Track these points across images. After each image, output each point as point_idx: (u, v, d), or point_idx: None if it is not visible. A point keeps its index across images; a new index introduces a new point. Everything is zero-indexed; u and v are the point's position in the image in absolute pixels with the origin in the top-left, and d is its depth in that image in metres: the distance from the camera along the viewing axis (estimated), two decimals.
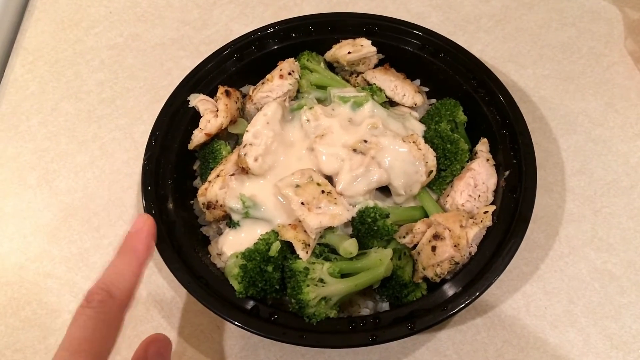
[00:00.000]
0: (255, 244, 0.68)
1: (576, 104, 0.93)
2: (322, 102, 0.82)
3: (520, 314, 0.76)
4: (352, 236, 0.71)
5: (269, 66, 0.85)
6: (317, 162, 0.73)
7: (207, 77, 0.86)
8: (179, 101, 0.83)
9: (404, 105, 0.84)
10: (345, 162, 0.72)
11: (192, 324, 0.78)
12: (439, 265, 0.67)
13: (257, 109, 0.80)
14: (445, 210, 0.75)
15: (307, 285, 0.65)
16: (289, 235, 0.68)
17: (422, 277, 0.70)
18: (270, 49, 0.88)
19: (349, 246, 0.68)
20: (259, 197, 0.73)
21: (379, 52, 0.87)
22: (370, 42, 0.85)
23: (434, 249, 0.68)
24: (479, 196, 0.74)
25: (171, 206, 0.76)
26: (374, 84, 0.84)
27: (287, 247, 0.69)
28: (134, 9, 1.12)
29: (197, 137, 0.81)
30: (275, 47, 0.88)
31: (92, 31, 1.10)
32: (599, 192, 0.85)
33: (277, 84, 0.80)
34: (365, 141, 0.73)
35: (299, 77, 0.83)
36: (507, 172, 0.75)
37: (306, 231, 0.68)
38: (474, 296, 0.65)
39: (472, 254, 0.69)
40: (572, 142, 0.90)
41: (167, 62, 1.04)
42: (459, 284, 0.67)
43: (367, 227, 0.69)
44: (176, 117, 0.82)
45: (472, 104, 0.82)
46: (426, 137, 0.79)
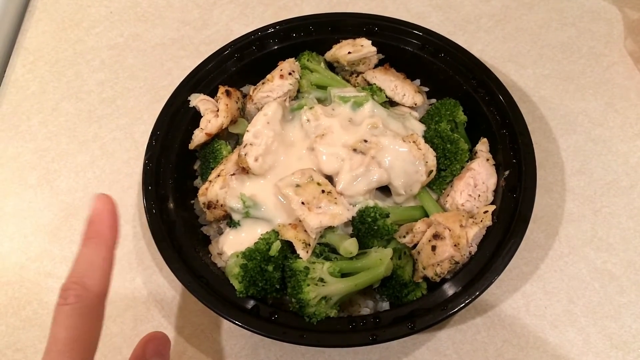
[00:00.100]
0: (255, 243, 0.69)
1: (576, 104, 0.93)
2: (323, 102, 0.82)
3: (520, 313, 0.76)
4: (352, 236, 0.71)
5: (270, 66, 0.85)
6: (318, 161, 0.73)
7: (207, 77, 0.86)
8: (180, 101, 0.83)
9: (404, 105, 0.84)
10: (345, 161, 0.72)
11: (192, 324, 0.78)
12: (439, 264, 0.68)
13: (258, 109, 0.80)
14: (445, 210, 0.75)
15: (308, 284, 0.65)
16: (290, 234, 0.68)
17: (422, 277, 0.70)
18: (270, 49, 0.89)
19: (349, 246, 0.68)
20: (260, 196, 0.73)
21: (379, 52, 0.87)
22: (370, 42, 0.86)
23: (434, 248, 0.68)
24: (479, 196, 0.74)
25: (172, 206, 0.76)
26: (374, 84, 0.84)
27: (288, 246, 0.69)
28: (135, 9, 1.12)
29: (198, 136, 0.81)
30: (275, 47, 0.89)
31: (93, 31, 1.10)
32: (598, 192, 0.85)
33: (277, 84, 0.80)
34: (365, 141, 0.73)
35: (299, 77, 0.83)
36: (507, 172, 0.75)
37: (306, 231, 0.68)
38: (474, 296, 0.65)
39: (472, 254, 0.69)
40: (572, 142, 0.90)
41: (168, 62, 1.04)
42: (459, 284, 0.67)
43: (367, 227, 0.69)
44: (177, 117, 0.82)
45: (472, 104, 0.82)
46: (426, 137, 0.79)
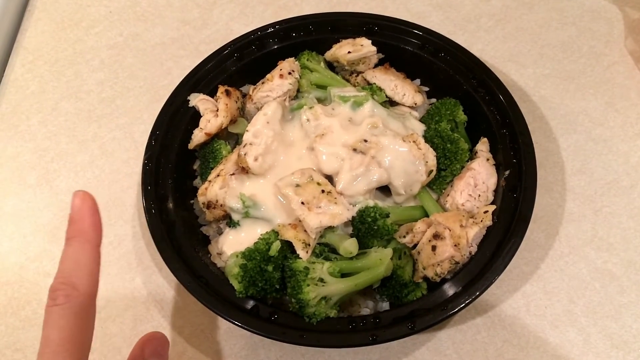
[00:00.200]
0: (255, 243, 0.68)
1: (576, 104, 0.93)
2: (322, 101, 0.82)
3: (520, 313, 0.76)
4: (352, 236, 0.71)
5: (269, 66, 0.85)
6: (317, 161, 0.73)
7: (207, 76, 0.86)
8: (179, 101, 0.83)
9: (404, 104, 0.84)
10: (345, 161, 0.72)
11: (192, 324, 0.78)
12: (439, 264, 0.67)
13: (257, 109, 0.80)
14: (445, 209, 0.75)
15: (307, 284, 0.65)
16: (289, 234, 0.68)
17: (422, 277, 0.70)
18: (270, 49, 0.88)
19: (349, 246, 0.68)
20: (259, 196, 0.73)
21: (379, 51, 0.87)
22: (370, 41, 0.85)
23: (434, 248, 0.68)
24: (479, 196, 0.74)
25: (171, 206, 0.76)
26: (374, 84, 0.84)
27: (287, 246, 0.69)
28: (134, 9, 1.12)
29: (197, 136, 0.81)
30: (275, 47, 0.88)
31: (92, 31, 1.10)
32: (599, 192, 0.85)
33: (277, 84, 0.80)
34: (365, 141, 0.73)
35: (299, 76, 0.83)
36: (507, 172, 0.75)
37: (306, 231, 0.68)
38: (474, 296, 0.65)
39: (472, 254, 0.69)
40: (572, 141, 0.90)
41: (167, 62, 1.04)
42: (459, 284, 0.67)
43: (367, 227, 0.69)
44: (176, 117, 0.82)
45: (472, 104, 0.82)
46: (426, 136, 0.79)
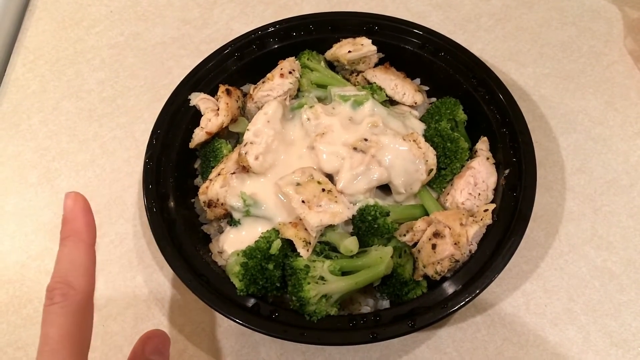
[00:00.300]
0: (256, 242, 0.69)
1: (576, 103, 0.93)
2: (323, 100, 0.83)
3: (520, 311, 0.76)
4: (352, 234, 0.71)
5: (270, 65, 0.85)
6: (318, 160, 0.73)
7: (207, 76, 0.86)
8: (180, 100, 0.83)
9: (404, 104, 0.84)
10: (345, 160, 0.72)
11: (193, 322, 0.78)
12: (439, 263, 0.68)
13: (258, 108, 0.80)
14: (445, 208, 0.75)
15: (308, 283, 0.65)
16: (290, 233, 0.68)
17: (423, 275, 0.70)
18: (270, 48, 0.89)
19: (350, 244, 0.68)
20: (260, 195, 0.73)
21: (379, 51, 0.87)
22: (370, 41, 0.86)
23: (434, 247, 0.68)
24: (479, 194, 0.75)
25: (172, 204, 0.76)
26: (374, 83, 0.84)
27: (288, 245, 0.69)
28: (135, 8, 1.12)
29: (198, 135, 0.81)
30: (275, 46, 0.89)
31: (93, 30, 1.10)
32: (598, 191, 0.85)
33: (277, 83, 0.81)
34: (365, 140, 0.73)
35: (300, 76, 0.83)
36: (507, 171, 0.75)
37: (307, 229, 0.68)
38: (474, 294, 0.65)
39: (472, 252, 0.69)
40: (572, 140, 0.90)
41: (168, 61, 1.04)
42: (459, 282, 0.67)
43: (368, 225, 0.70)
44: (177, 116, 0.82)
45: (472, 103, 0.82)
46: (426, 135, 0.79)
